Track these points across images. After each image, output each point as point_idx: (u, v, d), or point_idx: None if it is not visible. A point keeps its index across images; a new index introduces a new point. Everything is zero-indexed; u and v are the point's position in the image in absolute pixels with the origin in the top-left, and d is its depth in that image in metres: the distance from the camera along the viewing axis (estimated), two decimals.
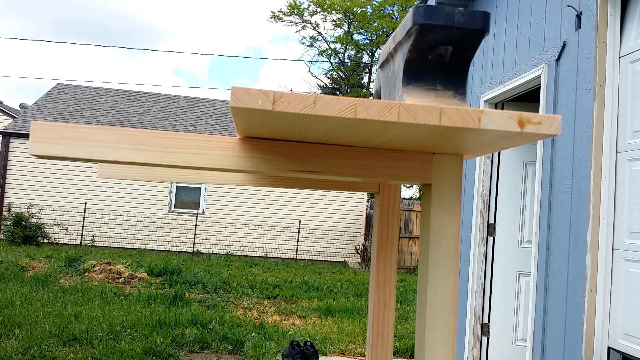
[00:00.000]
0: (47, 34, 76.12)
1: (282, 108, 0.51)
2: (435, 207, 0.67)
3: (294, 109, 0.51)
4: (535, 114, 0.55)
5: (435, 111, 0.53)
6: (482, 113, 0.54)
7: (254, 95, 0.50)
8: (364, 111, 0.52)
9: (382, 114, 0.52)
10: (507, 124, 0.55)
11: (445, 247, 0.67)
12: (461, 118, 0.54)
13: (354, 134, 0.59)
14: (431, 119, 0.53)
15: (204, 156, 0.63)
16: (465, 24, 0.63)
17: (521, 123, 0.55)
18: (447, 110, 0.54)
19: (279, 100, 0.51)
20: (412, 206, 14.74)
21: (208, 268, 10.40)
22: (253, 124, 0.57)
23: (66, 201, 13.53)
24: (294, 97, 0.51)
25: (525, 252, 4.47)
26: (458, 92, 0.69)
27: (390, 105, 0.52)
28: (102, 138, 0.59)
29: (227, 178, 1.08)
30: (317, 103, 0.51)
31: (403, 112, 0.53)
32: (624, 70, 3.03)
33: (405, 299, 8.68)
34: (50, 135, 0.58)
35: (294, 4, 24.63)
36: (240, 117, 0.54)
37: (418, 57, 0.68)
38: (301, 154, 0.65)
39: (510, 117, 0.55)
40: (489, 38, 4.71)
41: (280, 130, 0.59)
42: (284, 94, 0.51)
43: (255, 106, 0.50)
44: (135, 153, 0.60)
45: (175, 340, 5.04)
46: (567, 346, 3.24)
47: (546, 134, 0.55)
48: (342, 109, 0.51)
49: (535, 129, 0.55)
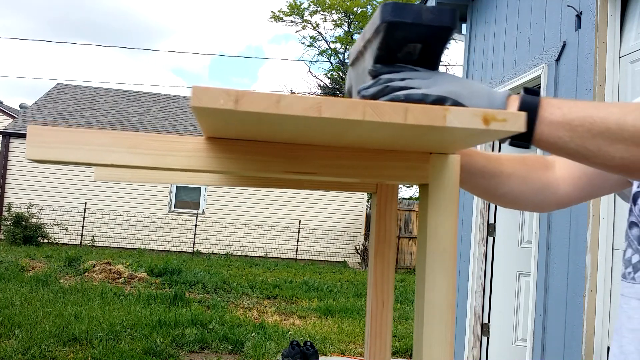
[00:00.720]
0: (44, 32, 76.13)
1: (244, 107, 0.50)
2: (432, 206, 0.67)
3: (257, 108, 0.50)
4: (500, 111, 0.55)
5: (401, 109, 0.53)
6: (447, 111, 0.54)
7: (215, 94, 0.49)
8: (329, 110, 0.51)
9: (347, 113, 0.52)
10: (472, 121, 0.55)
11: (443, 247, 0.67)
12: (427, 116, 0.53)
13: (323, 133, 0.59)
14: (397, 118, 0.53)
15: (198, 158, 0.63)
16: (433, 21, 0.62)
17: (486, 120, 0.55)
18: (412, 108, 0.54)
19: (242, 99, 0.50)
20: (412, 206, 14.75)
21: (208, 268, 10.40)
22: (218, 124, 0.56)
23: (66, 201, 13.54)
24: (257, 96, 0.50)
25: (525, 252, 4.47)
26: None
27: (356, 103, 0.52)
28: (98, 141, 0.59)
29: (222, 180, 1.08)
30: (280, 102, 0.50)
31: (368, 111, 0.52)
32: (624, 70, 3.03)
33: (405, 298, 8.68)
34: (47, 139, 0.58)
35: (294, 4, 24.62)
36: (205, 117, 0.53)
37: (387, 54, 0.67)
38: (297, 155, 0.65)
39: (475, 114, 0.55)
40: (489, 38, 4.71)
41: (246, 129, 0.58)
42: (246, 93, 0.50)
43: (216, 105, 0.49)
44: (131, 156, 0.60)
45: (175, 340, 5.04)
46: (567, 346, 3.24)
47: (511, 130, 0.55)
48: (307, 108, 0.51)
49: (500, 126, 0.55)
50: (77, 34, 71.05)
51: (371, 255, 0.99)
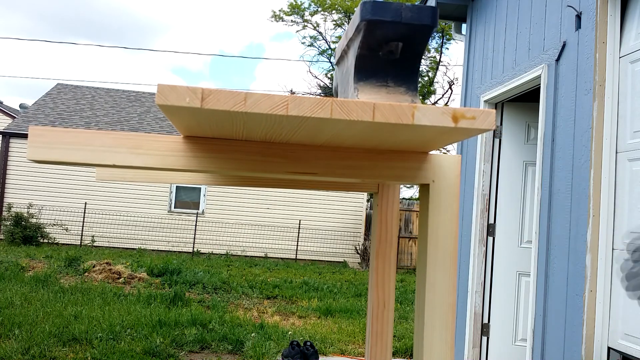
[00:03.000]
0: (39, 29, 76.05)
1: (211, 105, 0.49)
2: (433, 206, 0.67)
3: (224, 106, 0.50)
4: (469, 109, 0.55)
5: (369, 107, 0.53)
6: (415, 109, 0.54)
7: (181, 92, 0.49)
8: (296, 108, 0.51)
9: (314, 111, 0.52)
10: (441, 119, 0.54)
11: (443, 247, 0.67)
12: (395, 114, 0.53)
13: (295, 131, 0.58)
14: (364, 115, 0.53)
15: (199, 159, 0.63)
16: (413, 20, 0.62)
17: (455, 118, 0.55)
18: (380, 106, 0.53)
19: (208, 97, 0.49)
20: (412, 206, 14.74)
21: (208, 268, 10.40)
22: (191, 123, 0.56)
23: (66, 201, 13.53)
24: (223, 94, 0.50)
25: (525, 252, 4.47)
26: (410, 89, 0.68)
27: (323, 101, 0.52)
28: (100, 142, 0.59)
29: (226, 180, 1.08)
30: (247, 100, 0.50)
31: (336, 109, 0.52)
32: (624, 70, 3.03)
33: (406, 299, 8.68)
34: (48, 140, 0.58)
35: (295, 4, 24.62)
36: (174, 115, 0.53)
37: (368, 53, 0.67)
38: (299, 156, 0.65)
39: (444, 112, 0.54)
40: (488, 38, 4.71)
41: (220, 128, 0.58)
42: (212, 91, 0.50)
43: (182, 104, 0.49)
44: (133, 157, 0.60)
45: (175, 340, 5.04)
46: (567, 346, 3.24)
47: (481, 128, 0.55)
48: (274, 106, 0.51)
49: (469, 124, 0.55)
50: (75, 32, 71.01)
51: (373, 255, 0.99)
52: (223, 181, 1.08)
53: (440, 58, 21.31)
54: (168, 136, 0.61)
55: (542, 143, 3.69)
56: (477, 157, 4.63)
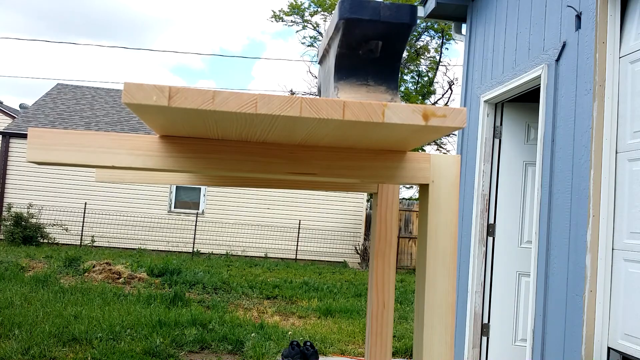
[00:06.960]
0: (42, 30, 76.01)
1: (178, 104, 0.49)
2: (433, 207, 0.67)
3: (192, 104, 0.49)
4: (440, 107, 0.55)
5: (338, 105, 0.53)
6: (385, 107, 0.53)
7: (147, 90, 0.48)
8: (265, 106, 0.51)
9: (283, 109, 0.51)
10: (411, 117, 0.54)
11: (443, 247, 0.67)
12: (365, 112, 0.53)
13: (270, 130, 0.58)
14: (334, 114, 0.52)
15: (196, 160, 0.63)
16: (391, 18, 0.62)
17: (425, 116, 0.54)
18: (350, 104, 0.53)
19: (175, 95, 0.49)
20: (412, 206, 14.74)
21: (208, 268, 10.40)
22: (165, 122, 0.55)
23: (66, 201, 13.53)
24: (191, 92, 0.49)
25: (525, 252, 4.47)
26: (390, 87, 0.68)
27: (292, 100, 0.52)
28: (99, 144, 0.59)
29: (226, 182, 1.08)
30: (215, 98, 0.50)
31: (305, 107, 0.52)
32: (624, 71, 3.03)
33: (405, 299, 8.68)
34: (47, 141, 0.57)
35: (295, 4, 24.62)
36: (146, 114, 0.53)
37: (348, 52, 0.67)
38: (298, 156, 0.65)
39: (414, 110, 0.54)
40: (488, 38, 4.71)
41: (193, 127, 0.58)
42: (180, 89, 0.49)
43: (149, 102, 0.48)
44: (132, 158, 0.60)
45: (175, 340, 5.04)
46: (567, 346, 3.24)
47: (452, 126, 0.55)
48: (242, 104, 0.50)
49: (440, 122, 0.54)
50: (75, 32, 70.99)
51: (372, 256, 0.99)
52: (221, 182, 1.08)
53: (440, 58, 21.30)
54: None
55: (542, 143, 3.69)
56: (477, 157, 4.63)
